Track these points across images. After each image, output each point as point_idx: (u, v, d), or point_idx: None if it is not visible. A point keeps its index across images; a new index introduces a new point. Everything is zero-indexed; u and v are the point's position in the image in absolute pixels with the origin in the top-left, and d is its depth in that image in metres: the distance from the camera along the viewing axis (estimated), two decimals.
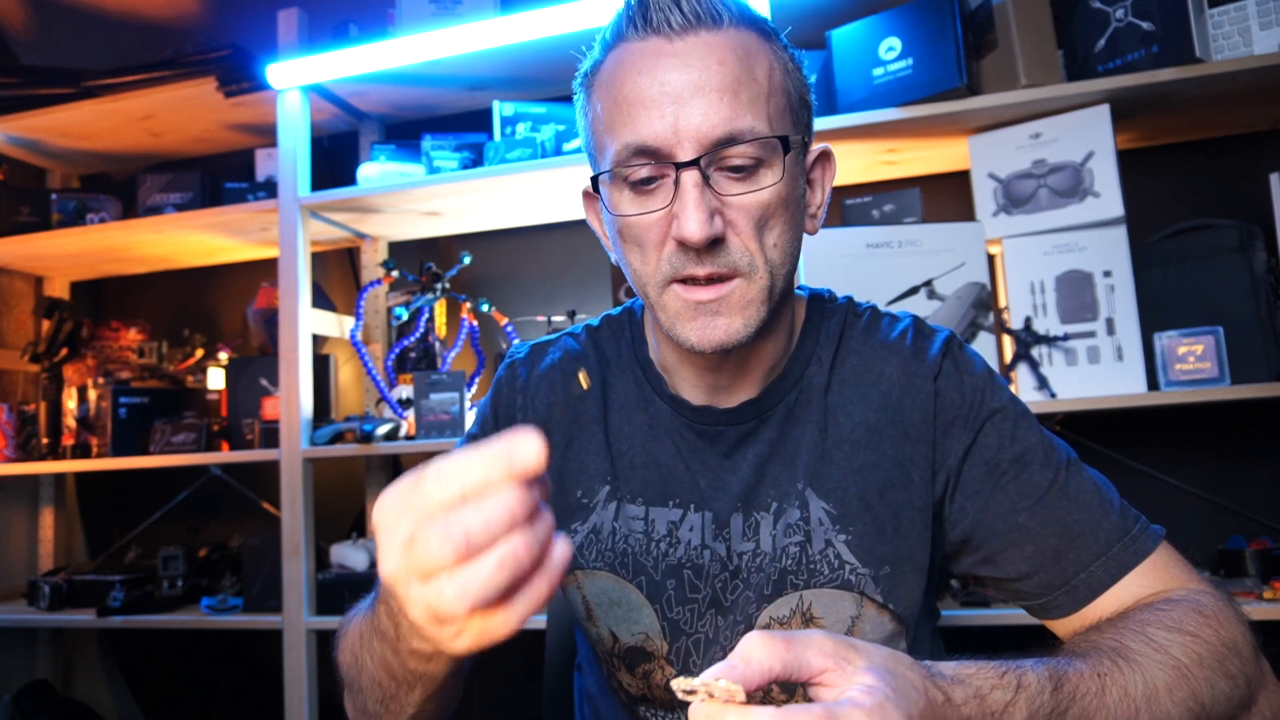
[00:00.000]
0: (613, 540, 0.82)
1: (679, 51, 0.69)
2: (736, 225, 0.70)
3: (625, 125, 0.70)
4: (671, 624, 0.80)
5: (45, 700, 2.08)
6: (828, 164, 0.81)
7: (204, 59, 1.88)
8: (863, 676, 0.46)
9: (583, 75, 0.78)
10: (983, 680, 0.52)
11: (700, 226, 0.67)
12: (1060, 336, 1.45)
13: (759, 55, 0.71)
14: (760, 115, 0.69)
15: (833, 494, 0.78)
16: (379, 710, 0.67)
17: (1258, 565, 1.41)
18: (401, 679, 0.62)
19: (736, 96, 0.68)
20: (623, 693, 0.86)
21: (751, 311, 0.71)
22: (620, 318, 0.92)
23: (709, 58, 0.69)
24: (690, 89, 0.68)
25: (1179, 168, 1.69)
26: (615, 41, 0.74)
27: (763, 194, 0.70)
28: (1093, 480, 0.77)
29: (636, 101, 0.69)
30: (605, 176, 0.73)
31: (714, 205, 0.69)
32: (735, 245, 0.70)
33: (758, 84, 0.70)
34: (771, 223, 0.71)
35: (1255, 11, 1.43)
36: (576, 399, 0.87)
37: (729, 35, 0.70)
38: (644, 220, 0.71)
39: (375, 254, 2.11)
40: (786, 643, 0.45)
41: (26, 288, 2.34)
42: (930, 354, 0.80)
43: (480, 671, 1.98)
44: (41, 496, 2.29)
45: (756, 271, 0.71)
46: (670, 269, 0.71)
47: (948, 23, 1.48)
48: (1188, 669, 0.61)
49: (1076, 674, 0.57)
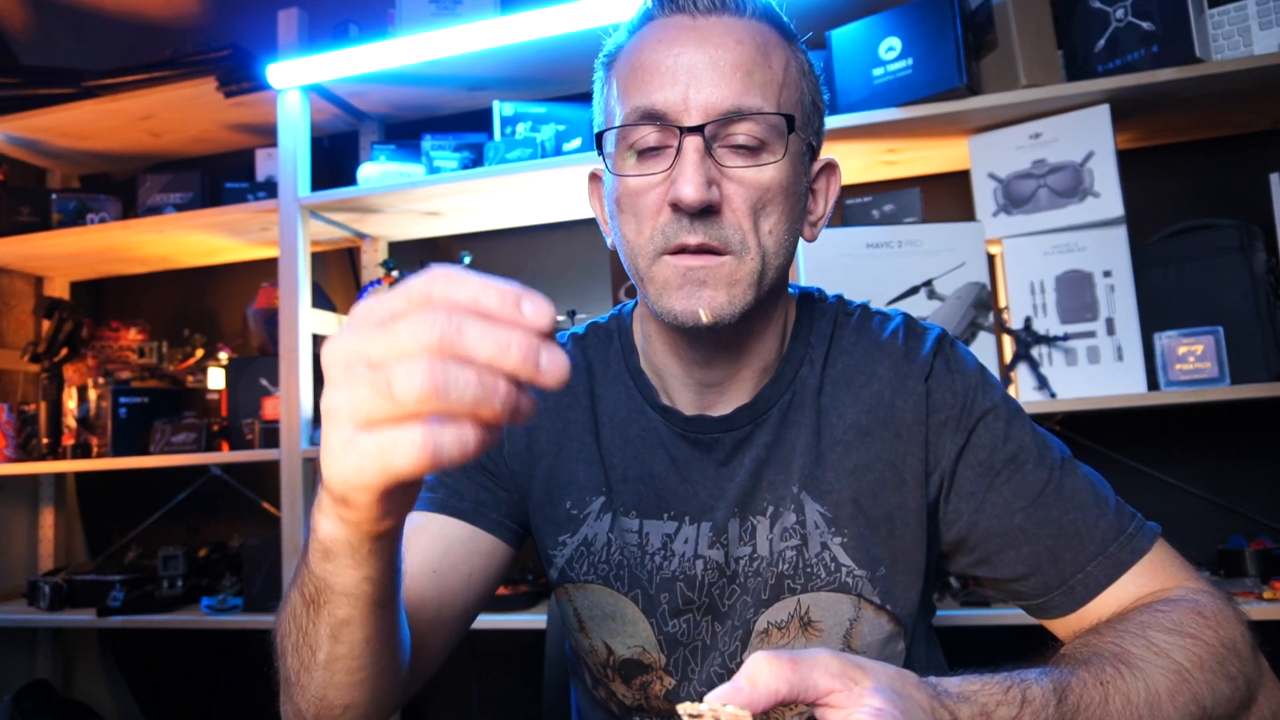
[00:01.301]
0: (607, 553, 0.81)
1: (700, 27, 0.72)
2: (732, 201, 0.70)
3: (638, 90, 0.72)
4: (668, 637, 0.80)
5: (45, 700, 2.08)
6: (832, 175, 0.81)
7: (204, 59, 1.88)
8: (870, 699, 0.45)
9: (605, 55, 0.79)
10: (988, 697, 0.52)
11: (696, 189, 0.67)
12: (1060, 336, 1.45)
13: (776, 48, 0.74)
14: (771, 98, 0.71)
15: (827, 496, 0.77)
16: (296, 668, 0.60)
17: (1258, 565, 1.41)
18: (309, 598, 0.55)
19: (750, 75, 0.70)
20: (614, 703, 0.85)
21: (738, 291, 0.71)
22: (609, 325, 0.90)
23: (727, 37, 0.71)
24: (705, 63, 0.70)
25: (1179, 168, 1.69)
26: (641, 24, 0.76)
27: (763, 172, 0.70)
28: (1087, 479, 0.76)
29: (652, 69, 0.71)
30: (612, 135, 0.74)
31: (712, 175, 0.69)
32: (729, 220, 0.70)
33: (772, 70, 0.72)
34: (769, 208, 0.71)
35: (1255, 11, 1.42)
36: (565, 407, 0.86)
37: (751, 23, 0.73)
38: (642, 183, 0.72)
39: (375, 254, 2.11)
40: (793, 664, 0.45)
41: (26, 288, 2.34)
42: (921, 354, 0.80)
43: (481, 674, 1.98)
44: (41, 496, 2.29)
45: (748, 252, 0.71)
46: (663, 239, 0.71)
47: (948, 23, 1.48)
48: (1189, 672, 0.61)
49: (1080, 684, 0.56)
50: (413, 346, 0.37)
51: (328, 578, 0.52)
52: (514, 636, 1.62)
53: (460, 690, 2.00)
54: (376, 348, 0.39)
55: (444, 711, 2.03)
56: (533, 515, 0.85)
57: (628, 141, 0.73)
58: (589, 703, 0.91)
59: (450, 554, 0.78)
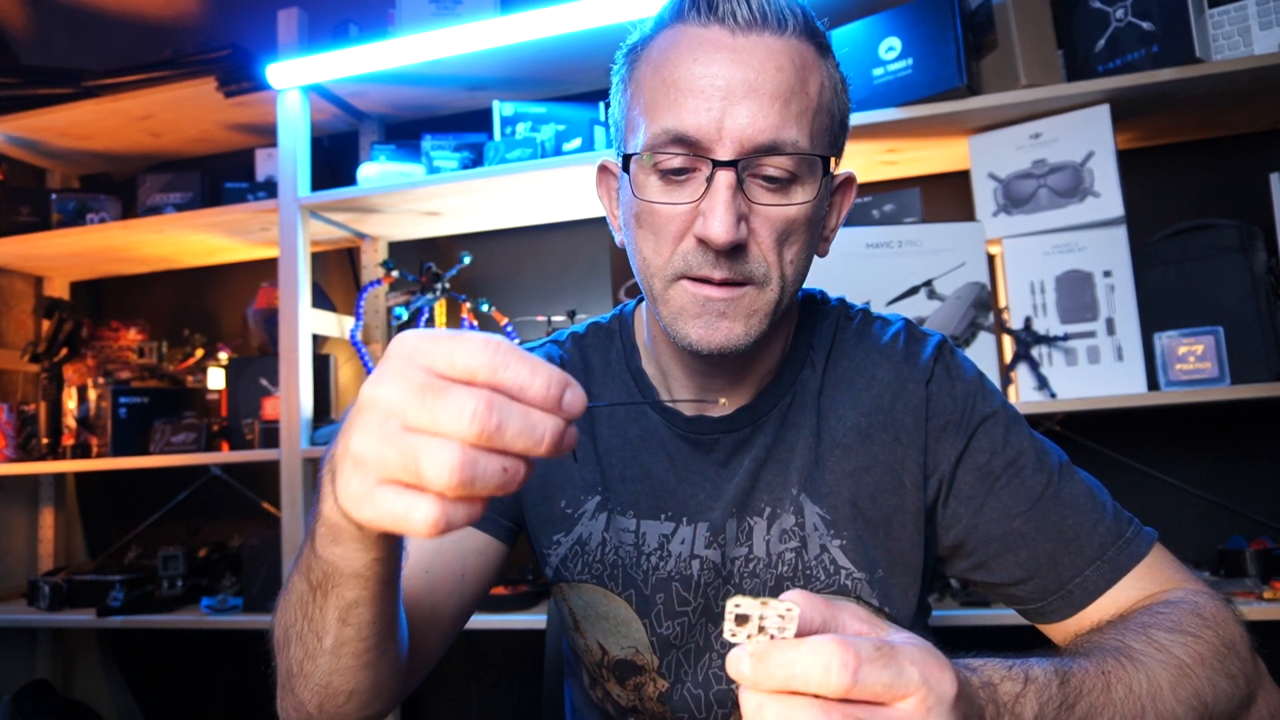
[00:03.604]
0: (601, 552, 0.81)
1: (739, 47, 0.67)
2: (759, 235, 0.68)
3: (668, 109, 0.68)
4: (661, 639, 0.79)
5: (45, 700, 2.08)
6: (849, 190, 0.80)
7: (204, 59, 1.88)
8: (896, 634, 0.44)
9: (629, 47, 0.76)
10: (992, 672, 0.51)
11: (727, 230, 0.65)
12: (1060, 336, 1.45)
13: (814, 70, 0.70)
14: (805, 130, 0.68)
15: (826, 499, 0.77)
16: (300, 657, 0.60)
17: (1258, 565, 1.41)
18: (316, 583, 0.55)
19: (787, 106, 0.67)
20: (610, 704, 0.85)
21: (755, 321, 0.70)
22: (610, 325, 0.90)
23: (768, 61, 0.67)
24: (743, 88, 0.66)
25: (1179, 168, 1.69)
26: (672, 20, 0.71)
27: (791, 210, 0.69)
28: (1085, 484, 0.76)
29: (685, 88, 0.67)
30: (636, 156, 0.71)
31: (742, 210, 0.67)
32: (755, 254, 0.69)
33: (809, 98, 0.69)
34: (793, 239, 0.70)
35: (1255, 11, 1.42)
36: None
37: (790, 43, 0.69)
38: (668, 210, 0.69)
39: (375, 254, 2.11)
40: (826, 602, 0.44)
41: (26, 288, 2.34)
42: (922, 358, 0.80)
43: (480, 674, 1.98)
44: (41, 496, 2.29)
45: (770, 284, 0.70)
46: (684, 265, 0.69)
47: (948, 23, 1.48)
48: (1190, 668, 0.61)
49: (1081, 670, 0.56)
50: (450, 431, 0.39)
51: (336, 561, 0.52)
52: (514, 636, 1.62)
53: (460, 690, 2.00)
54: (415, 416, 0.40)
55: (444, 711, 2.03)
56: (527, 514, 0.85)
57: (652, 162, 0.69)
58: (585, 702, 0.91)
59: (443, 553, 0.78)
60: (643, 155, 0.70)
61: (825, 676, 0.38)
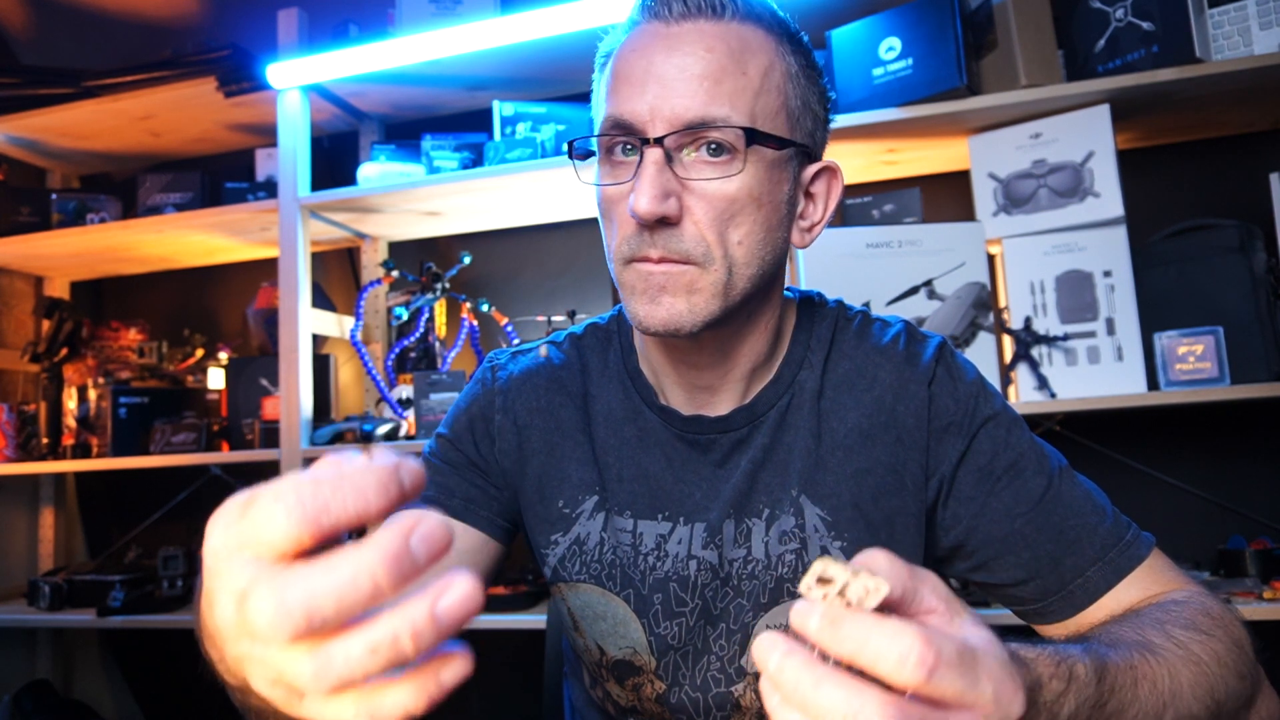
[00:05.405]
0: (599, 552, 0.81)
1: (672, 34, 0.71)
2: (694, 213, 0.69)
3: (611, 99, 0.72)
4: (659, 640, 0.79)
5: (45, 700, 2.08)
6: (833, 179, 0.79)
7: (204, 59, 1.88)
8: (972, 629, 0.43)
9: (600, 56, 0.79)
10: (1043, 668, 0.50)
11: (649, 202, 0.67)
12: (1060, 336, 1.45)
13: (757, 51, 0.71)
14: (742, 108, 0.69)
15: (827, 500, 0.77)
16: None
17: (1258, 565, 1.41)
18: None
19: (718, 84, 0.69)
20: (610, 704, 0.85)
21: (699, 300, 0.70)
22: (608, 326, 0.90)
23: (698, 44, 0.70)
24: (674, 72, 0.69)
25: (1179, 168, 1.69)
26: (629, 26, 0.76)
27: (727, 184, 0.69)
28: (1085, 487, 0.77)
29: (624, 78, 0.71)
30: (591, 144, 0.75)
31: (671, 187, 0.69)
32: (690, 233, 0.69)
33: (746, 78, 0.70)
34: (738, 219, 0.70)
35: (1255, 11, 1.42)
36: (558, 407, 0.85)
37: (727, 27, 0.71)
38: (611, 193, 0.73)
39: (375, 254, 2.11)
40: (910, 572, 0.42)
41: (26, 288, 2.34)
42: (924, 360, 0.80)
43: (480, 674, 1.98)
44: (41, 496, 2.29)
45: (712, 263, 0.70)
46: (629, 248, 0.71)
47: (948, 23, 1.48)
48: (1208, 666, 0.61)
49: (1115, 666, 0.55)
50: (275, 638, 0.33)
51: None
52: (513, 636, 1.61)
53: (459, 690, 1.99)
54: (248, 628, 0.34)
55: (444, 711, 2.03)
56: (525, 514, 0.85)
57: (604, 148, 0.73)
58: (585, 702, 0.91)
59: None
60: (590, 141, 0.74)
61: (899, 667, 0.36)
